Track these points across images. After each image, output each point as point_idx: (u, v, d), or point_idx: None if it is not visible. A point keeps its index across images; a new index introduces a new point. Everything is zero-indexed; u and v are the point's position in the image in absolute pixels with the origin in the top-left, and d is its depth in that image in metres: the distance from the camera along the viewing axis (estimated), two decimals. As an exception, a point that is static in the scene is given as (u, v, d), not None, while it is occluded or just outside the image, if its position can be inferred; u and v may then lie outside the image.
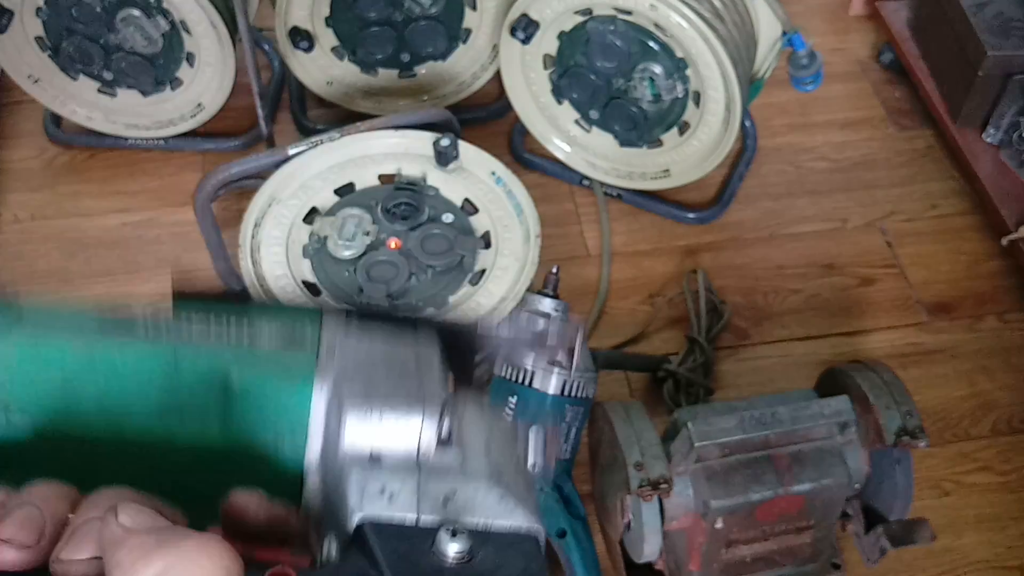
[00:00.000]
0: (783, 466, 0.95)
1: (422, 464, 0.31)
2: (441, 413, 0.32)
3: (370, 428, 0.31)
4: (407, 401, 0.32)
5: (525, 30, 1.35)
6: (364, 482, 0.30)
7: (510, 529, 0.30)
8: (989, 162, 1.48)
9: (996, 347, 1.35)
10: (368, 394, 0.32)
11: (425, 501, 0.30)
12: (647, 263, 1.43)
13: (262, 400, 0.33)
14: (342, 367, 0.33)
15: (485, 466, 0.32)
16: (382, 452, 0.31)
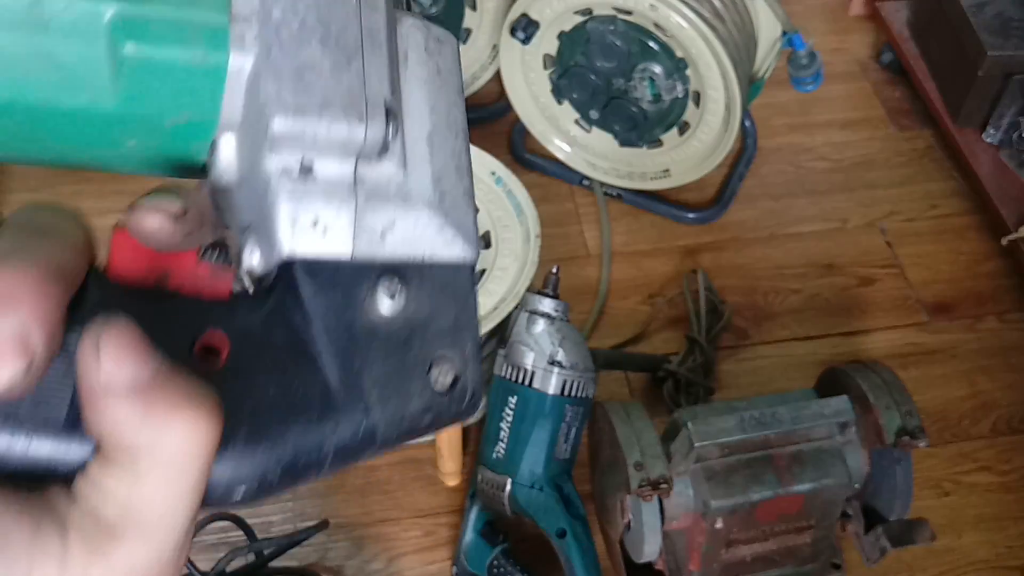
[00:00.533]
0: (783, 466, 0.95)
1: (359, 184, 0.28)
2: (386, 120, 0.28)
3: (301, 141, 0.27)
4: (346, 112, 0.27)
5: (525, 30, 1.35)
6: (295, 210, 0.27)
7: (447, 261, 0.29)
8: (989, 162, 1.48)
9: (996, 347, 1.35)
10: (300, 101, 0.27)
11: (362, 235, 0.27)
12: (647, 263, 1.43)
13: (160, 70, 0.26)
14: (266, 37, 0.27)
15: (428, 181, 0.29)
16: (314, 164, 0.27)
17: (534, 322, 1.01)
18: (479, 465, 1.05)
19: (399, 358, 0.28)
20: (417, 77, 0.31)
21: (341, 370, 0.27)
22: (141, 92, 0.27)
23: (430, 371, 0.28)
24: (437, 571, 1.13)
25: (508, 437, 1.02)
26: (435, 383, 0.28)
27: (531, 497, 1.01)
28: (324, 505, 1.17)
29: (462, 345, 0.28)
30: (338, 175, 0.27)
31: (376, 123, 0.27)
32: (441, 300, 0.28)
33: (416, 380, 0.28)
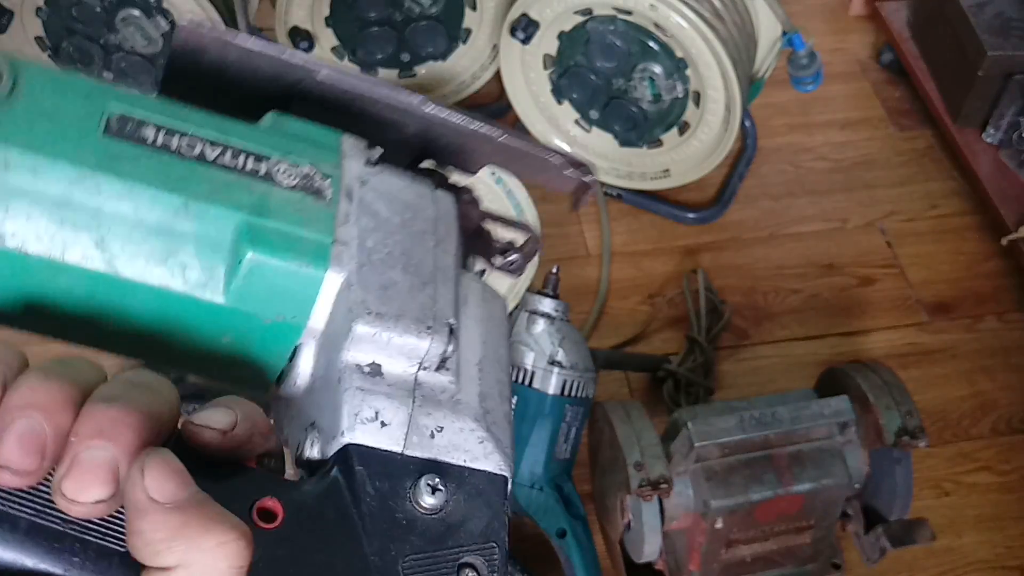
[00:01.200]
0: (783, 466, 0.95)
1: (418, 388, 0.32)
2: (448, 339, 0.32)
3: (377, 344, 0.31)
4: (417, 325, 0.32)
5: (525, 30, 1.35)
6: (360, 404, 0.30)
7: (484, 470, 0.32)
8: (989, 162, 1.48)
9: (996, 347, 1.35)
10: (381, 309, 0.31)
11: (414, 434, 0.31)
12: (647, 263, 1.43)
13: (271, 274, 0.32)
14: (360, 260, 0.32)
15: (475, 398, 0.33)
16: (383, 367, 0.32)
17: (534, 322, 1.01)
18: (479, 465, 1.05)
19: (432, 553, 0.30)
20: (473, 316, 0.35)
21: (380, 553, 0.29)
22: (249, 291, 0.32)
23: (458, 570, 0.30)
24: (437, 571, 1.13)
25: (508, 437, 1.02)
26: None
27: (531, 497, 1.01)
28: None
29: (491, 554, 0.31)
30: (401, 377, 0.32)
31: (440, 337, 0.32)
32: (476, 505, 0.31)
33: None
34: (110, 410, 0.26)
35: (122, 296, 0.31)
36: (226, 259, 0.31)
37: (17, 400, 0.26)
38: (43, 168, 0.29)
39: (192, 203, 0.31)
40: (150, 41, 1.41)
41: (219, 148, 0.32)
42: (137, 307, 0.32)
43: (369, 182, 0.34)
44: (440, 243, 0.35)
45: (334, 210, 0.33)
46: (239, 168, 0.32)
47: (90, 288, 0.31)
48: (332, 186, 0.33)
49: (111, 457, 0.25)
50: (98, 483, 0.25)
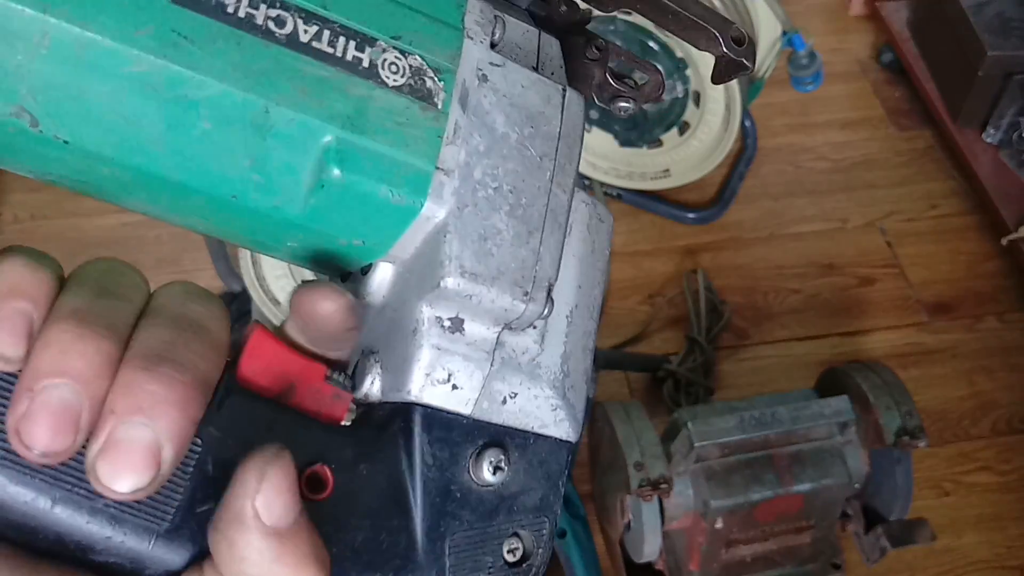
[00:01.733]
0: (783, 466, 0.95)
1: (499, 349, 0.29)
2: (545, 303, 0.29)
3: (463, 303, 0.28)
4: (513, 289, 0.28)
5: (525, 30, 1.35)
6: (434, 363, 0.28)
7: (550, 436, 0.30)
8: (989, 162, 1.48)
9: (996, 347, 1.35)
10: (476, 268, 0.28)
11: (484, 399, 0.29)
12: (647, 263, 1.43)
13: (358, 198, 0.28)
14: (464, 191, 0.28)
15: (557, 359, 0.30)
16: (465, 323, 0.29)
17: (534, 322, 1.01)
18: (479, 465, 1.05)
19: (482, 528, 0.29)
20: (574, 253, 0.32)
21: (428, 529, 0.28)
22: (329, 212, 0.28)
23: (504, 543, 0.29)
24: (437, 571, 1.13)
25: (508, 437, 1.02)
26: (505, 554, 0.29)
27: (531, 497, 1.01)
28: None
29: (540, 528, 0.29)
30: (483, 337, 0.29)
31: (536, 304, 0.29)
32: (535, 476, 0.30)
33: (490, 553, 0.29)
34: (151, 383, 0.23)
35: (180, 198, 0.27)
36: (309, 171, 0.27)
37: (47, 364, 0.22)
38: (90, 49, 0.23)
39: (275, 109, 0.26)
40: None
41: (316, 26, 0.27)
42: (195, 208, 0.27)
43: (490, 79, 0.29)
44: (558, 172, 0.30)
45: (443, 124, 0.28)
46: (338, 58, 0.27)
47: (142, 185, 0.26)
48: (445, 88, 0.29)
49: (152, 438, 0.22)
50: (136, 469, 0.22)
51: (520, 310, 0.29)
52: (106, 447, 0.22)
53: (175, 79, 0.25)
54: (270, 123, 0.26)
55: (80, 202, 1.51)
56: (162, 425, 0.22)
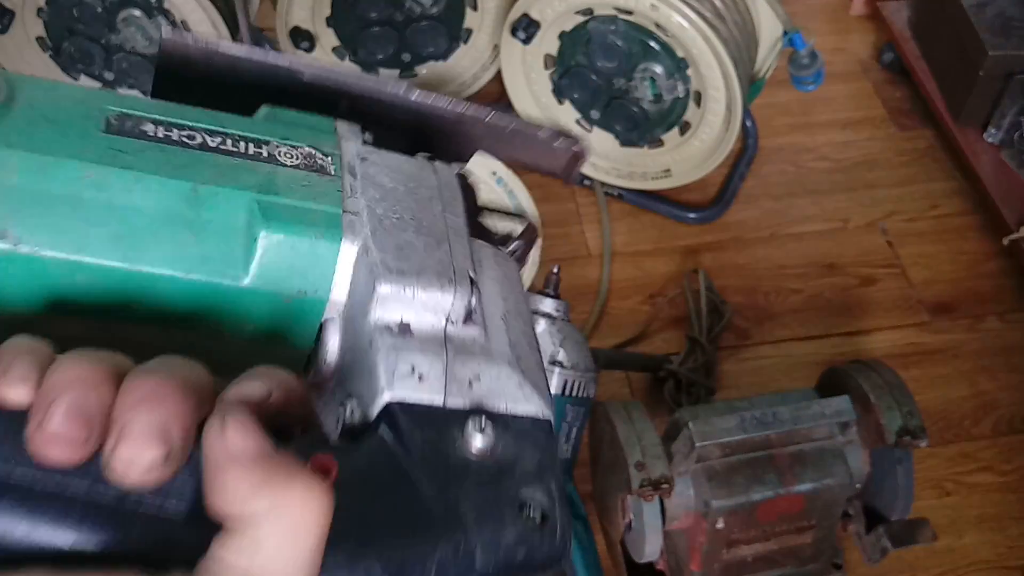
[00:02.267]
0: (784, 466, 0.95)
1: (449, 341, 0.32)
2: (471, 290, 0.32)
3: (402, 302, 0.31)
4: (439, 278, 0.32)
5: (526, 30, 1.35)
6: (395, 360, 0.30)
7: (527, 415, 0.31)
8: (990, 162, 1.48)
9: (997, 347, 1.35)
10: (401, 266, 0.32)
11: (452, 383, 0.31)
12: (648, 263, 1.43)
13: (287, 250, 0.32)
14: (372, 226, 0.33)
15: (506, 346, 0.33)
16: (411, 324, 0.31)
17: (535, 322, 1.01)
18: (480, 465, 1.05)
19: (492, 491, 0.30)
20: (490, 276, 0.35)
21: (439, 496, 0.29)
22: (268, 269, 0.32)
23: (522, 510, 0.30)
24: (438, 571, 1.13)
25: (509, 437, 1.02)
26: (527, 519, 0.30)
27: (532, 497, 1.01)
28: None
29: (547, 485, 0.30)
30: (431, 332, 0.32)
31: (463, 290, 0.32)
32: (525, 446, 0.31)
33: (509, 513, 0.29)
34: (150, 380, 0.26)
35: (142, 290, 0.31)
36: (241, 241, 0.32)
37: (58, 378, 0.25)
38: (49, 168, 0.30)
39: (200, 187, 0.31)
40: (151, 41, 1.41)
41: (219, 136, 0.33)
42: (158, 300, 0.32)
43: (369, 158, 0.35)
44: (448, 206, 0.35)
45: (339, 184, 0.33)
46: (242, 152, 0.33)
47: (110, 284, 0.31)
48: (334, 163, 0.34)
49: (160, 420, 0.25)
50: (151, 445, 0.25)
51: (450, 297, 0.32)
52: (120, 436, 0.25)
53: (118, 177, 0.30)
54: (200, 199, 0.31)
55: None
56: (167, 409, 0.25)
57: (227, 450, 0.25)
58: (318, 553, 0.25)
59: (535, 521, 0.29)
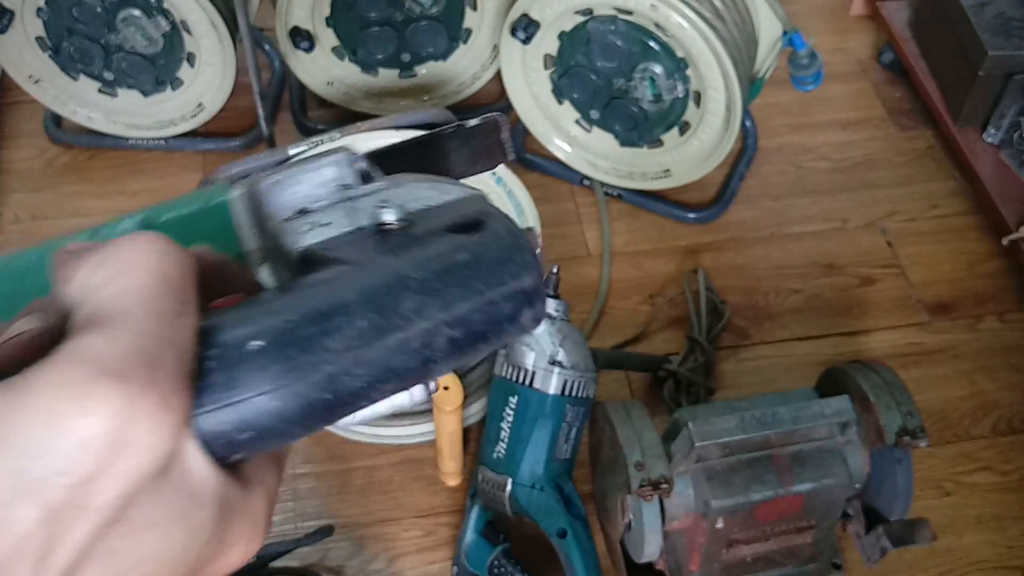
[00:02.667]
0: (783, 466, 0.95)
1: (349, 194, 0.31)
2: (354, 159, 0.32)
3: (288, 190, 0.32)
4: (316, 163, 0.32)
5: (526, 30, 1.35)
6: (299, 223, 0.30)
7: (453, 199, 0.31)
8: (990, 162, 1.48)
9: (997, 347, 1.35)
10: (278, 174, 0.32)
11: (358, 214, 0.30)
12: (647, 263, 1.43)
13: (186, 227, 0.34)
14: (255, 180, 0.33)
15: (412, 176, 0.32)
16: (307, 205, 0.31)
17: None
18: (479, 465, 1.05)
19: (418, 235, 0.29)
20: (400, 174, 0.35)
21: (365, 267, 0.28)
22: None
23: (457, 230, 0.29)
24: (438, 571, 1.13)
25: (508, 437, 1.02)
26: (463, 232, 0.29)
27: (531, 497, 1.01)
28: (325, 505, 1.17)
29: (480, 205, 0.30)
30: (330, 200, 0.32)
31: (344, 160, 0.32)
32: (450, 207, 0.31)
33: (437, 236, 0.29)
34: None
35: None
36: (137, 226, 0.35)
37: None
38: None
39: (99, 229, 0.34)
40: (151, 41, 1.41)
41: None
42: None
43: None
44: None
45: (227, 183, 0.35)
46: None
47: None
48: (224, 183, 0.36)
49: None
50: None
51: (332, 168, 0.32)
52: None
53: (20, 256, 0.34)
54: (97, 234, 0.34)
55: (81, 202, 1.51)
56: None
57: (63, 251, 0.26)
58: (164, 286, 0.25)
59: (472, 232, 0.29)
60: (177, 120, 1.50)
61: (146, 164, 1.54)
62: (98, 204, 1.50)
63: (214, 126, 1.51)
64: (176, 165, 1.54)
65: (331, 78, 1.53)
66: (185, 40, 1.41)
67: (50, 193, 1.52)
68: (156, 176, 1.53)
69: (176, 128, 1.51)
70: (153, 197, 1.50)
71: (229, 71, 1.40)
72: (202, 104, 1.47)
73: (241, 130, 1.55)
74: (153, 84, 1.47)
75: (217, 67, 1.41)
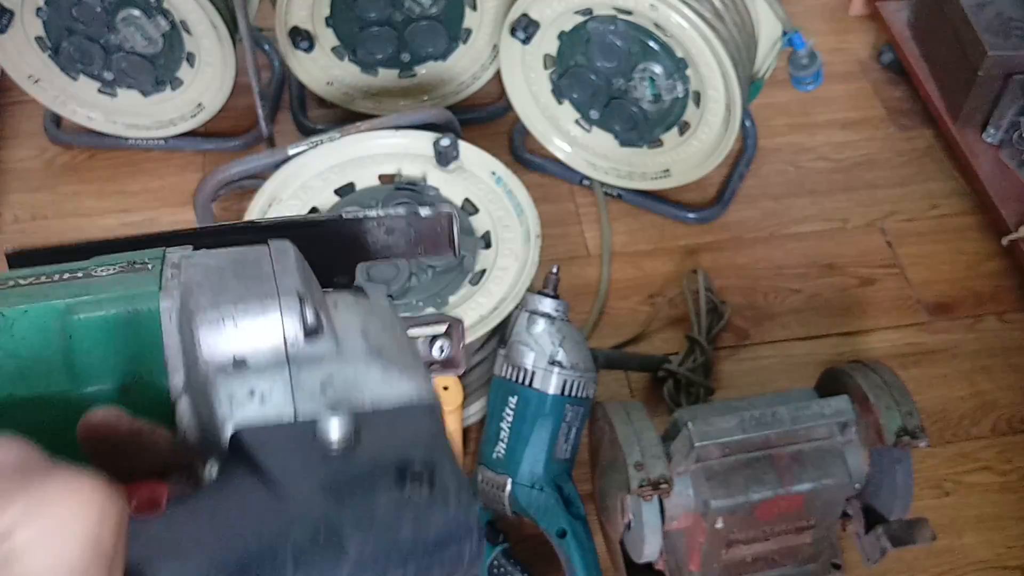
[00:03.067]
0: (783, 466, 0.95)
1: (291, 358, 0.28)
2: (301, 304, 0.29)
3: (226, 334, 0.28)
4: (261, 300, 0.29)
5: (525, 30, 1.35)
6: (231, 389, 0.27)
7: (401, 402, 0.28)
8: (989, 162, 1.48)
9: (996, 347, 1.35)
10: (217, 301, 0.29)
11: (300, 393, 0.28)
12: (647, 263, 1.43)
13: (108, 336, 0.29)
14: (187, 280, 0.30)
15: (362, 346, 0.30)
16: (246, 356, 0.28)
17: (534, 322, 1.01)
18: (479, 465, 1.05)
19: (359, 470, 0.26)
20: (345, 302, 0.32)
21: (297, 494, 0.26)
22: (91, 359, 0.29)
23: (401, 480, 0.26)
24: (437, 571, 1.13)
25: (508, 437, 1.02)
26: (409, 487, 0.26)
27: (531, 497, 1.01)
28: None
29: (429, 452, 0.27)
30: (270, 358, 0.28)
31: (291, 306, 0.29)
32: (398, 428, 0.28)
33: (382, 483, 0.26)
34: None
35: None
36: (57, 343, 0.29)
37: None
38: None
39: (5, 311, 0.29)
40: (150, 41, 1.41)
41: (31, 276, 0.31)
42: None
43: (195, 256, 0.32)
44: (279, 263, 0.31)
45: (158, 275, 0.31)
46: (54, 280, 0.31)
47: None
48: (153, 264, 0.31)
49: None
50: None
51: (277, 318, 0.29)
52: None
53: None
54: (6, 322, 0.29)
55: (80, 202, 1.51)
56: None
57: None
58: (95, 557, 0.22)
59: (421, 488, 0.26)
60: (177, 120, 1.50)
61: (146, 164, 1.54)
62: (98, 204, 1.50)
63: (214, 126, 1.51)
64: (176, 165, 1.54)
65: (331, 78, 1.53)
66: (185, 40, 1.41)
67: (50, 193, 1.52)
68: (156, 176, 1.53)
69: (176, 128, 1.51)
70: (152, 197, 1.51)
71: (229, 71, 1.40)
72: (202, 104, 1.47)
73: (241, 130, 1.55)
74: (153, 84, 1.47)
75: (217, 67, 1.41)
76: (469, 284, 1.12)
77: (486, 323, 1.06)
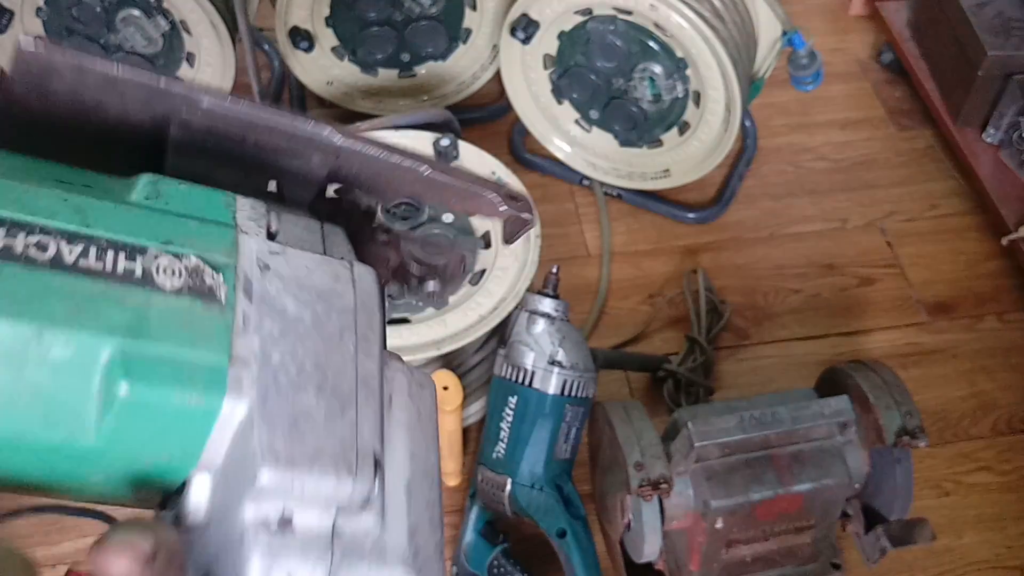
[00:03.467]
0: (783, 466, 0.95)
1: (337, 538, 0.27)
2: (374, 474, 0.27)
3: (287, 493, 0.26)
4: (336, 465, 0.26)
5: (525, 30, 1.35)
6: (269, 566, 0.25)
7: None
8: (989, 162, 1.48)
9: (996, 347, 1.35)
10: (292, 452, 0.26)
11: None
12: (647, 263, 1.43)
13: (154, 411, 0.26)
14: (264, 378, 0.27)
15: (404, 538, 0.28)
16: (294, 519, 0.26)
17: (534, 322, 1.01)
18: (479, 465, 1.05)
19: None
20: (400, 422, 0.30)
21: None
22: (125, 431, 0.26)
23: None
24: (437, 571, 1.13)
25: (508, 437, 1.02)
26: None
27: (531, 497, 1.01)
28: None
29: None
30: (317, 529, 0.27)
31: (364, 477, 0.27)
32: None
33: None
34: None
35: None
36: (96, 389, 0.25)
37: None
38: None
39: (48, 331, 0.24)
40: (150, 41, 1.41)
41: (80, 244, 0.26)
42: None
43: (272, 266, 0.29)
44: (361, 342, 0.29)
45: (229, 317, 0.27)
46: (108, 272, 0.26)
47: None
48: (226, 282, 0.28)
49: None
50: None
51: (348, 489, 0.27)
52: None
53: None
54: (46, 346, 0.24)
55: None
56: None
57: None
58: None
59: None
60: (177, 120, 1.50)
61: (146, 164, 1.54)
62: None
63: (214, 126, 1.51)
64: (176, 165, 1.54)
65: (331, 78, 1.53)
66: (185, 40, 1.41)
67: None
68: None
69: (176, 128, 1.51)
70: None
71: (229, 71, 1.40)
72: (202, 104, 1.47)
73: (241, 130, 1.55)
74: (153, 84, 1.47)
75: (217, 67, 1.41)
76: (469, 284, 1.12)
77: (486, 323, 1.06)
